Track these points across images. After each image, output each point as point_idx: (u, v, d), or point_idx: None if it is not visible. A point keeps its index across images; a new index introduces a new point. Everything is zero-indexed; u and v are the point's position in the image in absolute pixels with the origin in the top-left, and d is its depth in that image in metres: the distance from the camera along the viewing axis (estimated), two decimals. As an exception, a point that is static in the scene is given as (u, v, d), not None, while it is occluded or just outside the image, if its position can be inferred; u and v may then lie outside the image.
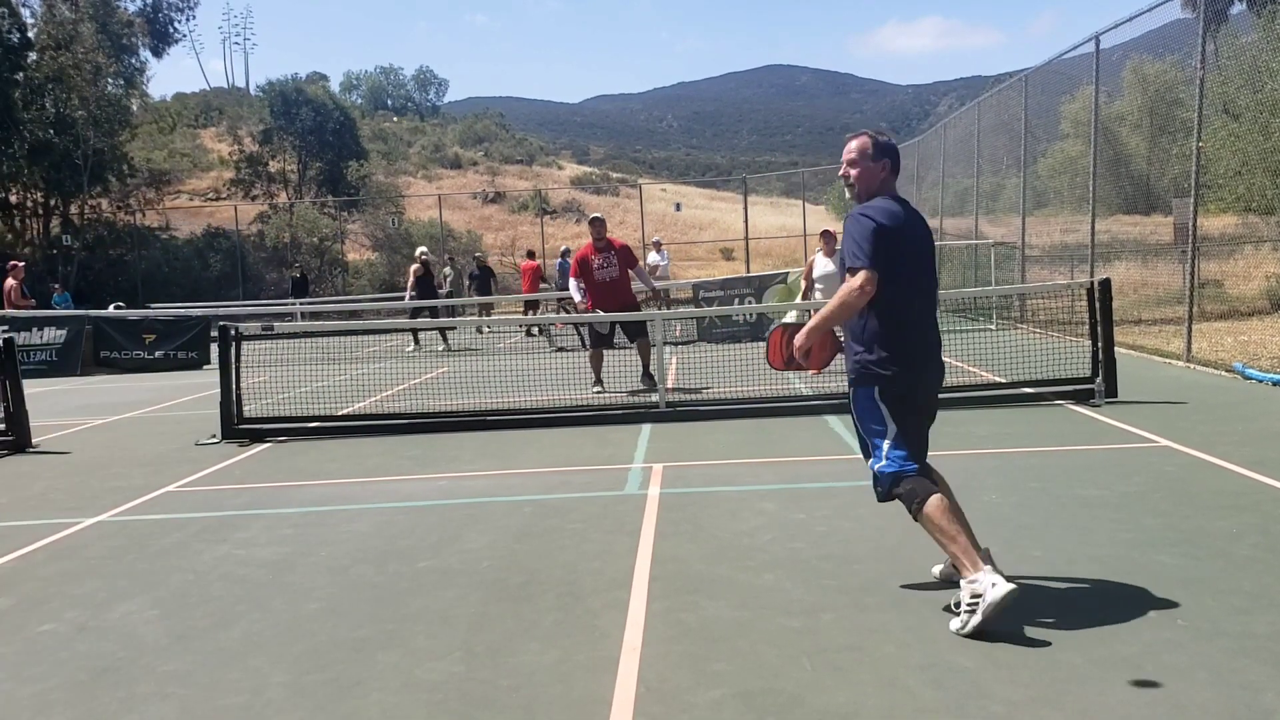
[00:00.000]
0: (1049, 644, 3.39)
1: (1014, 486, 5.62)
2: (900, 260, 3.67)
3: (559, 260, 22.90)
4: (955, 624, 3.52)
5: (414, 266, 18.47)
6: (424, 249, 20.16)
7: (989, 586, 3.41)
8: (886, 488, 3.75)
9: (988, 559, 3.56)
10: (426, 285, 18.26)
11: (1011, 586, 3.42)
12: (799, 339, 3.86)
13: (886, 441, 3.73)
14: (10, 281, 17.51)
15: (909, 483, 3.69)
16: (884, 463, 3.74)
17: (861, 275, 3.59)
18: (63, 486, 6.94)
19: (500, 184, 49.94)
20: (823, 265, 12.31)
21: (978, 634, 3.42)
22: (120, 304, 23.89)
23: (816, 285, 12.29)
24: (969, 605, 3.46)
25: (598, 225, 10.65)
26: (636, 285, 11.09)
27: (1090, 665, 3.22)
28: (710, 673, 3.30)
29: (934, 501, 3.61)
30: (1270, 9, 12.46)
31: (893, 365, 3.69)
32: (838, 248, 12.97)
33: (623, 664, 3.40)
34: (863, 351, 3.74)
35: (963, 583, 3.52)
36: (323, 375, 12.87)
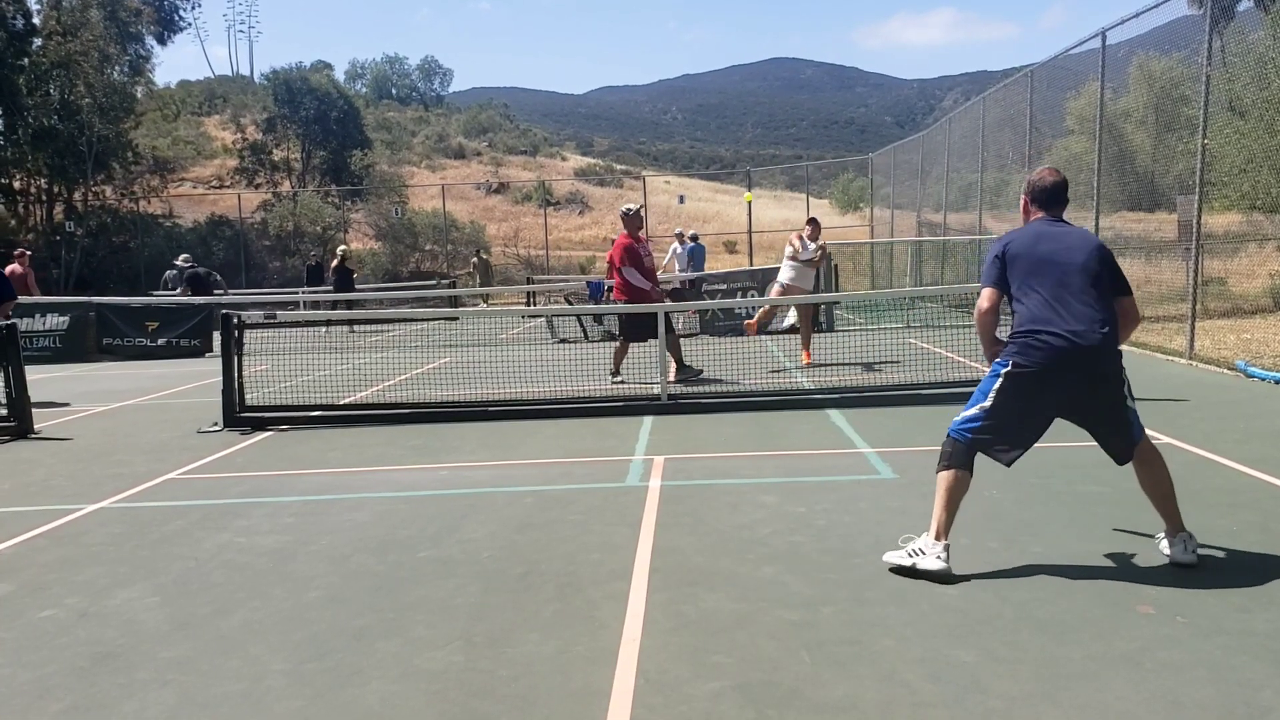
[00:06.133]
0: (1048, 639, 3.40)
1: (1014, 482, 5.61)
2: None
3: (691, 245, 19.93)
4: (892, 555, 4.13)
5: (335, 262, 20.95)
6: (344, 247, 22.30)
7: (934, 559, 3.99)
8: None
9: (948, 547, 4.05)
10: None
11: (946, 568, 3.97)
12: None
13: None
14: (15, 267, 17.49)
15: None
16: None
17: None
18: (64, 473, 6.95)
19: (504, 175, 49.90)
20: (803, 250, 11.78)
21: (897, 570, 4.06)
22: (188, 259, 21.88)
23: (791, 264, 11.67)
24: (912, 551, 4.05)
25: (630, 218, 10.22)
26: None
27: (1089, 661, 3.22)
28: (709, 665, 3.31)
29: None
30: (1278, 6, 12.41)
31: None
32: (821, 241, 12.53)
33: (622, 655, 3.41)
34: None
35: (925, 536, 4.07)
36: (325, 364, 12.87)
